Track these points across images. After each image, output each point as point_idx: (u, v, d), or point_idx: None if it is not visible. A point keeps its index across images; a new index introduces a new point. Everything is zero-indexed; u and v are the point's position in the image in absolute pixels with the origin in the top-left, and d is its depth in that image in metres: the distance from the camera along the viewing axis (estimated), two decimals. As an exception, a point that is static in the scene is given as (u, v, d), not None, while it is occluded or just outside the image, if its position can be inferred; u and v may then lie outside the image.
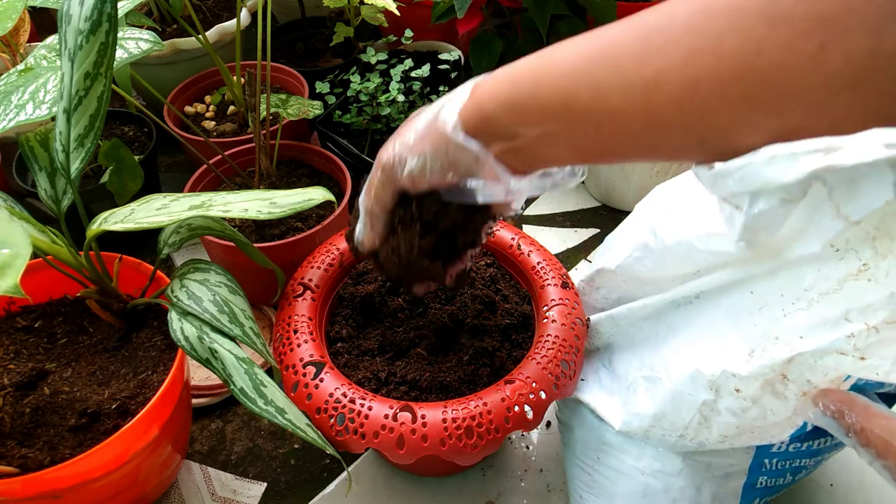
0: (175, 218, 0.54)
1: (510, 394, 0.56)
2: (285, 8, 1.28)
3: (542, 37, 0.98)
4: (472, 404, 0.55)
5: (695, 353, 0.52)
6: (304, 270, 0.68)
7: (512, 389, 0.56)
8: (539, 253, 0.71)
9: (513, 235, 0.73)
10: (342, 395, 0.56)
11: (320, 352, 0.60)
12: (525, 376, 0.57)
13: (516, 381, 0.57)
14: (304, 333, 0.61)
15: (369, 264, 0.71)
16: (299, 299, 0.65)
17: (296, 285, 0.66)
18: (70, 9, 0.56)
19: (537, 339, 0.61)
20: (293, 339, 0.61)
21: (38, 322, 0.68)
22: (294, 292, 0.66)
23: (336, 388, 0.56)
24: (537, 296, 0.67)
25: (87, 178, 0.92)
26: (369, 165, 0.88)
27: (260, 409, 0.55)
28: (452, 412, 0.54)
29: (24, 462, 0.56)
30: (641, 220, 0.59)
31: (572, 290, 0.66)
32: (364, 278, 0.70)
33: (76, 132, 0.57)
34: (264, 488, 0.73)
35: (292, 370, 0.58)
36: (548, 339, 0.60)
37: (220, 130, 1.00)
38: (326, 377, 0.57)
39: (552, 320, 0.62)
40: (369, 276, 0.70)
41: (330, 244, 0.71)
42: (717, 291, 0.50)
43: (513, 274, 0.72)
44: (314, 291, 0.66)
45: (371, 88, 0.93)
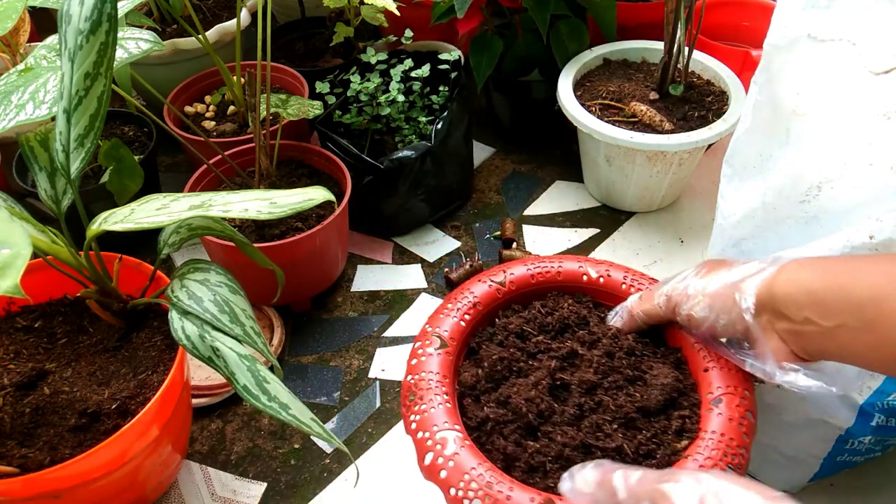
0: (175, 218, 0.54)
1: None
2: (285, 8, 1.28)
3: (542, 37, 0.98)
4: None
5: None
6: (436, 319, 0.61)
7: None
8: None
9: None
10: (479, 477, 0.48)
11: (454, 419, 0.53)
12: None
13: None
14: (439, 395, 0.55)
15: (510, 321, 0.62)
16: (434, 353, 0.58)
17: (431, 336, 0.59)
18: (70, 9, 0.56)
19: (699, 437, 0.51)
20: (426, 402, 0.54)
21: (38, 322, 0.68)
22: (429, 343, 0.59)
23: (472, 467, 0.49)
24: (700, 380, 0.56)
25: (87, 178, 0.92)
26: (369, 165, 0.89)
27: (264, 406, 0.55)
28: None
29: (24, 462, 0.56)
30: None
31: (742, 374, 0.55)
32: (496, 338, 0.61)
33: (76, 132, 0.57)
34: (264, 488, 0.73)
35: (425, 437, 0.52)
36: (712, 438, 0.50)
37: (220, 130, 1.00)
38: (462, 452, 0.50)
39: (717, 413, 0.52)
40: (504, 337, 0.61)
41: (463, 289, 0.63)
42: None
43: (665, 339, 0.61)
44: (448, 345, 0.59)
45: (371, 88, 0.93)
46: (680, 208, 1.03)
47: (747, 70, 0.98)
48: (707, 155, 1.02)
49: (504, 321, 0.62)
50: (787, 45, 0.57)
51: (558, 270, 0.64)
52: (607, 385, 0.55)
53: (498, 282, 0.63)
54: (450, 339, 0.59)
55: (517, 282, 0.63)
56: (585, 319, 0.61)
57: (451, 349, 0.58)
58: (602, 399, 0.54)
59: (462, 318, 0.60)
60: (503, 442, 0.53)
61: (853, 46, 0.52)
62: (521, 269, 0.64)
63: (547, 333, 0.60)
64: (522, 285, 0.64)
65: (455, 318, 0.60)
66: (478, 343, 0.61)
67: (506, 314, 0.63)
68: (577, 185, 1.07)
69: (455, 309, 0.61)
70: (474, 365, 0.59)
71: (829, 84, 0.54)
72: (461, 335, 0.60)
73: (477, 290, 0.62)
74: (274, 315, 0.87)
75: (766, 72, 0.60)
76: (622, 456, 0.51)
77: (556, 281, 0.64)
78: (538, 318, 0.61)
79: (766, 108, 0.60)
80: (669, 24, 0.90)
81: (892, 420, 0.60)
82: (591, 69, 1.03)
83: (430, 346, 0.58)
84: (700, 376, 0.56)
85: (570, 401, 0.55)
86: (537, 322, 0.61)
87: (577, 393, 0.55)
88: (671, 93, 0.95)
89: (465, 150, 1.01)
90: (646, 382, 0.55)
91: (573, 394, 0.55)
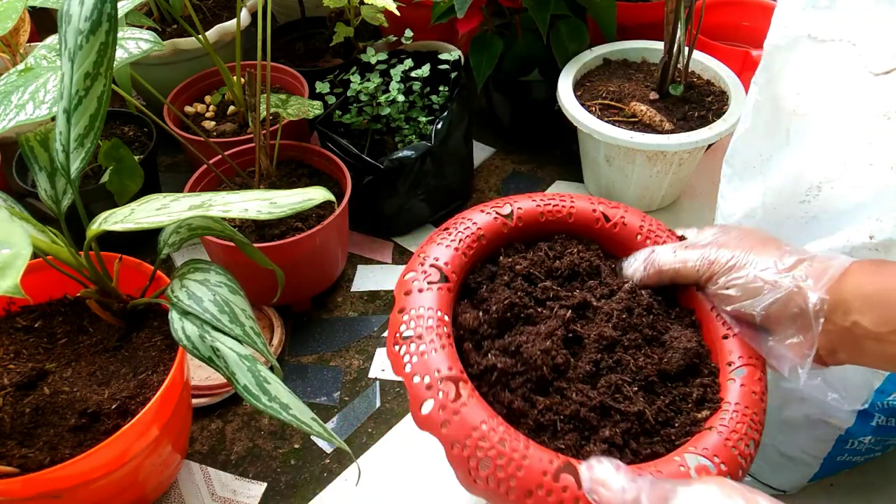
0: (175, 218, 0.54)
1: (696, 472, 0.43)
2: (285, 8, 1.28)
3: (542, 37, 0.98)
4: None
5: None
6: (431, 247, 0.53)
7: (697, 467, 0.44)
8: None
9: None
10: (490, 432, 0.43)
11: (458, 365, 0.47)
12: (711, 453, 0.45)
13: (699, 456, 0.44)
14: (440, 337, 0.48)
15: (515, 259, 0.56)
16: (432, 287, 0.50)
17: (427, 267, 0.52)
18: (70, 9, 0.56)
19: (721, 407, 0.48)
20: (425, 342, 0.47)
21: (38, 322, 0.68)
22: (425, 275, 0.51)
23: (482, 420, 0.43)
24: (717, 348, 0.52)
25: (87, 178, 0.92)
26: (369, 165, 0.89)
27: (264, 406, 0.55)
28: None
29: (24, 462, 0.56)
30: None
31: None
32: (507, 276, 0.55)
33: (76, 132, 0.57)
34: (264, 488, 0.73)
35: (423, 384, 0.46)
36: (737, 410, 0.47)
37: (220, 130, 1.00)
38: (470, 403, 0.44)
39: (740, 384, 0.49)
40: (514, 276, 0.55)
41: (464, 218, 0.56)
42: None
43: (676, 299, 0.57)
44: (449, 280, 0.51)
45: (371, 88, 0.93)
46: (680, 208, 1.03)
47: (747, 70, 0.98)
48: (707, 155, 1.02)
49: (509, 260, 0.55)
50: (787, 46, 0.57)
51: (570, 210, 0.58)
52: (626, 343, 0.51)
53: (504, 214, 0.57)
54: (451, 272, 0.52)
55: (525, 217, 0.57)
56: (597, 269, 0.56)
57: (451, 284, 0.51)
58: (622, 357, 0.50)
59: (464, 252, 0.53)
60: (509, 395, 0.47)
61: (853, 47, 0.53)
62: (528, 203, 0.58)
63: (555, 280, 0.55)
64: (530, 222, 0.58)
65: (455, 251, 0.53)
66: (479, 282, 0.55)
67: (508, 253, 0.57)
68: (577, 185, 1.07)
69: (455, 239, 0.54)
70: (474, 306, 0.52)
71: (829, 84, 0.54)
72: (462, 270, 0.53)
73: (479, 220, 0.56)
74: (274, 315, 0.87)
75: (767, 72, 0.60)
76: (641, 422, 0.47)
77: (566, 222, 0.58)
78: (545, 261, 0.56)
79: (767, 109, 0.60)
80: (669, 24, 0.90)
81: (892, 420, 0.60)
82: (591, 69, 1.03)
83: (426, 278, 0.51)
84: (717, 343, 0.52)
85: (585, 356, 0.50)
86: (545, 266, 0.56)
87: (593, 348, 0.50)
88: (671, 93, 0.96)
89: (465, 150, 1.01)
90: (665, 344, 0.51)
91: (588, 349, 0.50)
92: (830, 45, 0.54)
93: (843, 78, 0.53)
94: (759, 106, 0.61)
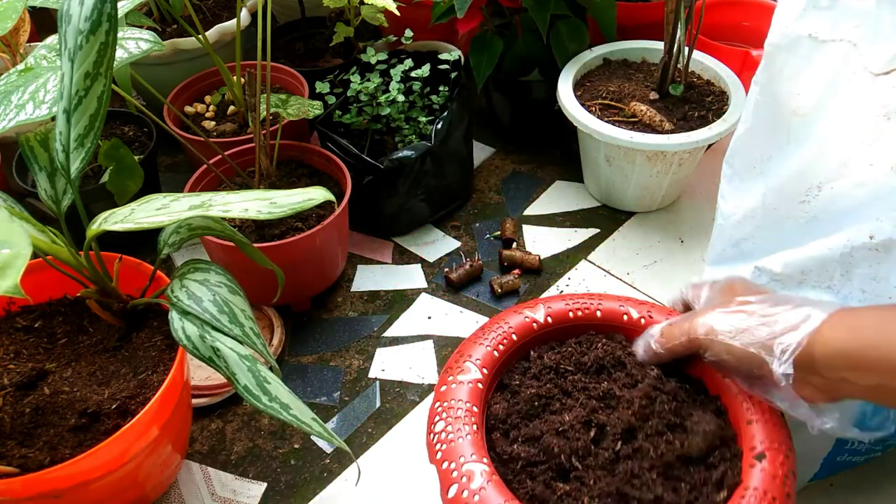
0: (175, 218, 0.54)
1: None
2: (285, 8, 1.28)
3: (542, 37, 0.98)
4: None
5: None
6: (468, 346, 0.59)
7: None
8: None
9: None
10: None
11: (481, 452, 0.51)
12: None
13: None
14: (468, 426, 0.53)
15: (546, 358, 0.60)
16: (464, 382, 0.56)
17: (462, 364, 0.58)
18: (70, 9, 0.56)
19: (740, 490, 0.49)
20: (454, 432, 0.52)
21: (38, 322, 0.68)
22: (459, 371, 0.57)
23: (500, 503, 0.48)
24: (742, 433, 0.53)
25: (87, 178, 0.92)
26: (369, 165, 0.89)
27: (265, 406, 0.55)
28: None
29: (24, 462, 0.56)
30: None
31: (786, 431, 0.53)
32: (531, 373, 0.59)
33: (76, 132, 0.57)
34: (264, 488, 0.73)
35: (450, 469, 0.50)
36: (754, 495, 0.48)
37: (220, 130, 1.00)
38: (489, 487, 0.48)
39: (761, 468, 0.49)
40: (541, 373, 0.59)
41: (501, 321, 0.61)
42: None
43: (698, 379, 0.59)
44: (480, 375, 0.57)
45: (371, 88, 0.93)
46: (680, 208, 1.03)
47: (747, 70, 0.98)
48: (707, 155, 1.02)
49: (539, 354, 0.60)
50: (787, 46, 0.57)
51: (598, 308, 0.62)
52: (648, 430, 0.53)
53: (535, 316, 0.62)
54: (482, 368, 0.57)
55: (555, 317, 0.62)
56: (621, 361, 0.59)
57: (482, 379, 0.56)
58: (642, 445, 0.52)
59: (496, 349, 0.59)
60: (531, 483, 0.51)
61: (854, 47, 0.52)
62: (559, 304, 0.63)
63: (584, 373, 0.59)
64: (560, 321, 0.62)
65: (488, 348, 0.58)
66: (510, 375, 0.59)
67: (540, 349, 0.61)
68: (577, 185, 1.07)
69: (489, 338, 0.59)
70: (506, 399, 0.57)
71: (829, 84, 0.54)
72: (493, 365, 0.58)
73: (512, 321, 0.61)
74: (274, 315, 0.87)
75: (767, 72, 0.60)
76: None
77: (594, 318, 0.62)
78: (574, 355, 0.60)
79: (767, 109, 0.60)
80: (669, 24, 0.90)
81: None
82: (591, 69, 1.03)
83: (460, 374, 0.56)
84: (742, 428, 0.53)
85: (605, 443, 0.52)
86: (573, 360, 0.59)
87: (612, 435, 0.52)
88: (671, 93, 0.95)
89: (465, 150, 1.01)
90: (686, 429, 0.53)
91: (608, 436, 0.53)
92: (831, 46, 0.54)
93: (843, 78, 0.53)
94: (760, 106, 0.61)
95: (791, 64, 0.57)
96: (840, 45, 0.54)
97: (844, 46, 0.53)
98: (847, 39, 0.53)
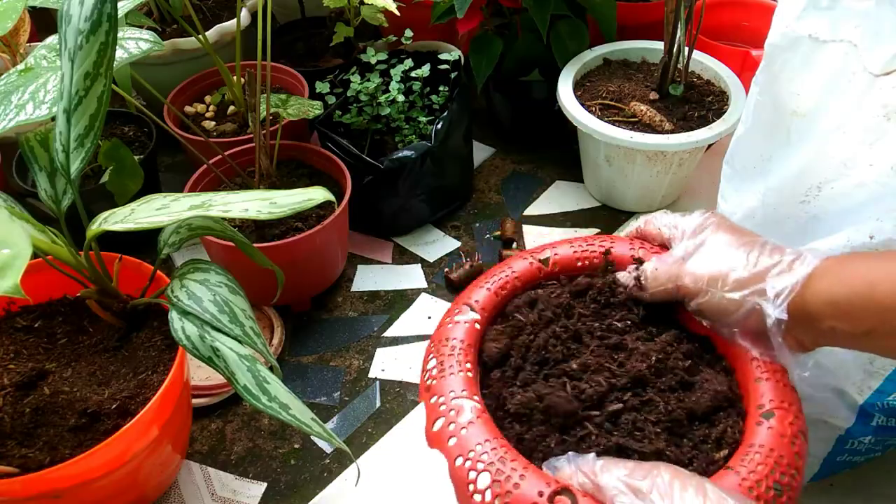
0: (175, 218, 0.54)
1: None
2: (285, 8, 1.28)
3: (542, 37, 0.98)
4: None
5: None
6: (471, 290, 0.58)
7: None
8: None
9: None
10: (492, 452, 0.45)
11: (473, 389, 0.50)
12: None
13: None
14: (460, 363, 0.51)
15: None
16: (461, 321, 0.55)
17: (461, 305, 0.57)
18: (70, 9, 0.56)
19: (743, 447, 0.47)
20: (445, 368, 0.51)
21: (38, 322, 0.68)
22: (457, 312, 0.56)
23: (486, 439, 0.46)
24: (749, 391, 0.51)
25: (87, 178, 0.92)
26: (369, 165, 0.89)
27: (264, 406, 0.55)
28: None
29: (24, 462, 0.56)
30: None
31: (796, 392, 0.51)
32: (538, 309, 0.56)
33: (76, 132, 0.57)
34: (264, 488, 0.73)
35: (438, 402, 0.49)
36: (759, 452, 0.46)
37: (220, 130, 1.00)
38: (478, 423, 0.47)
39: (768, 427, 0.48)
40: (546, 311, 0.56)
41: (506, 266, 0.60)
42: None
43: (710, 338, 0.56)
44: (479, 315, 0.55)
45: (371, 88, 0.93)
46: (680, 208, 1.03)
47: (747, 70, 0.98)
48: (707, 155, 1.02)
49: (547, 291, 0.58)
50: (787, 46, 0.57)
51: (605, 253, 0.60)
52: (660, 385, 0.51)
53: (541, 259, 0.59)
54: (481, 309, 0.55)
55: (561, 263, 0.60)
56: (629, 307, 0.56)
57: (480, 319, 0.55)
58: (651, 398, 0.50)
59: (497, 292, 0.57)
60: (522, 427, 0.49)
61: (854, 48, 0.53)
62: (566, 248, 0.60)
63: (594, 315, 0.56)
64: (566, 267, 0.60)
65: (489, 291, 0.57)
66: (516, 307, 0.57)
67: (549, 285, 0.59)
68: (577, 185, 1.07)
69: (491, 282, 0.58)
70: (508, 335, 0.55)
71: (829, 85, 0.54)
72: (492, 306, 0.56)
73: (517, 266, 0.59)
74: (274, 315, 0.87)
75: (767, 72, 0.60)
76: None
77: (602, 264, 0.60)
78: (581, 290, 0.57)
79: (767, 109, 0.60)
80: (669, 24, 0.90)
81: (892, 420, 0.60)
82: (591, 69, 1.03)
83: (458, 315, 0.55)
84: (750, 386, 0.51)
85: (614, 394, 0.50)
86: (582, 296, 0.57)
87: (621, 387, 0.50)
88: (671, 93, 0.95)
89: (465, 150, 1.01)
90: (694, 386, 0.52)
91: (617, 388, 0.50)
92: (831, 46, 0.54)
93: (843, 78, 0.53)
94: (760, 106, 0.61)
95: (791, 64, 0.57)
96: (840, 46, 0.54)
97: (844, 47, 0.53)
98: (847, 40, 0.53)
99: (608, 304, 0.57)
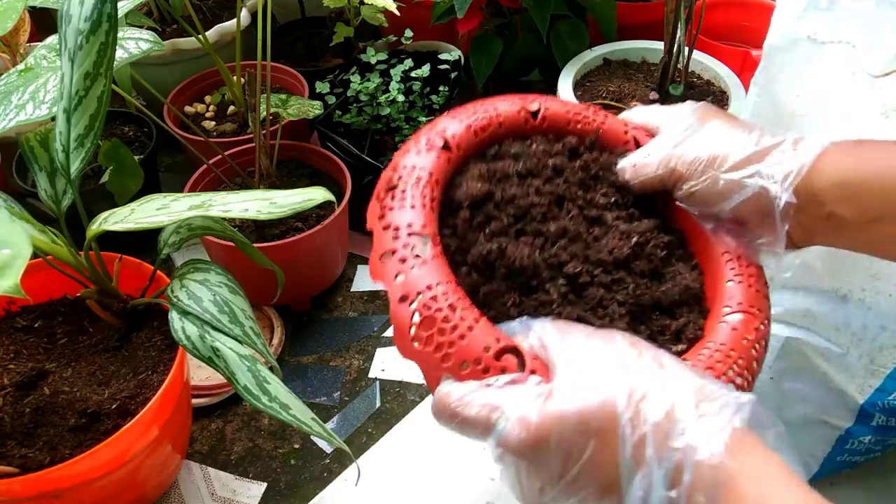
0: (175, 218, 0.54)
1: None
2: (285, 8, 1.28)
3: (542, 37, 0.98)
4: None
5: None
6: (444, 119, 0.50)
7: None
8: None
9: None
10: (442, 296, 0.40)
11: (434, 226, 0.44)
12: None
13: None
14: (423, 196, 0.44)
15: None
16: (430, 152, 0.47)
17: (433, 135, 0.48)
18: (70, 9, 0.56)
19: (701, 344, 0.46)
20: (406, 197, 0.44)
21: (38, 322, 0.68)
22: (427, 141, 0.48)
23: (439, 282, 0.40)
24: (717, 292, 0.49)
25: (87, 178, 0.92)
26: (369, 165, 0.89)
27: (264, 406, 0.55)
28: None
29: (24, 462, 0.56)
30: None
31: (768, 301, 0.49)
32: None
33: (76, 132, 0.57)
34: (264, 488, 0.73)
35: (392, 232, 0.43)
36: (719, 350, 0.44)
37: (220, 130, 1.00)
38: (433, 263, 0.41)
39: (731, 328, 0.46)
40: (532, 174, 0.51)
41: (490, 104, 0.52)
42: None
43: (684, 234, 0.53)
44: (451, 151, 0.48)
45: (371, 88, 0.93)
46: (680, 208, 1.02)
47: (747, 70, 0.98)
48: (707, 155, 1.02)
49: (533, 145, 0.52)
50: (787, 47, 0.57)
51: (600, 124, 0.54)
52: (634, 268, 0.48)
53: (530, 110, 0.52)
54: (455, 145, 0.48)
55: (550, 119, 0.53)
56: (616, 187, 0.52)
57: (452, 155, 0.47)
58: (622, 278, 0.47)
59: (477, 132, 0.49)
60: (477, 277, 0.45)
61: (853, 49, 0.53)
62: (558, 106, 0.54)
63: (577, 186, 0.51)
64: (555, 125, 0.53)
65: (468, 128, 0.49)
66: (500, 154, 0.51)
67: (536, 139, 0.53)
68: (577, 185, 1.07)
69: (472, 119, 0.50)
70: (488, 180, 0.49)
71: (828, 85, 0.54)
72: (468, 146, 0.49)
73: (502, 108, 0.51)
74: (274, 315, 0.87)
75: (766, 73, 0.60)
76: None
77: (592, 135, 0.54)
78: (569, 148, 0.52)
79: (766, 109, 0.60)
80: (669, 24, 0.90)
81: (892, 420, 0.60)
82: (591, 69, 1.03)
83: (428, 145, 0.47)
84: (719, 287, 0.49)
85: (585, 267, 0.47)
86: (570, 163, 0.52)
87: (595, 261, 0.47)
88: (671, 93, 0.95)
89: (465, 150, 1.01)
90: (665, 277, 0.49)
91: (590, 261, 0.47)
92: (830, 47, 0.54)
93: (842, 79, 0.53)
94: (759, 106, 0.61)
95: (790, 65, 0.57)
96: (839, 47, 0.54)
97: (843, 48, 0.53)
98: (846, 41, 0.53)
99: (596, 177, 0.52)
